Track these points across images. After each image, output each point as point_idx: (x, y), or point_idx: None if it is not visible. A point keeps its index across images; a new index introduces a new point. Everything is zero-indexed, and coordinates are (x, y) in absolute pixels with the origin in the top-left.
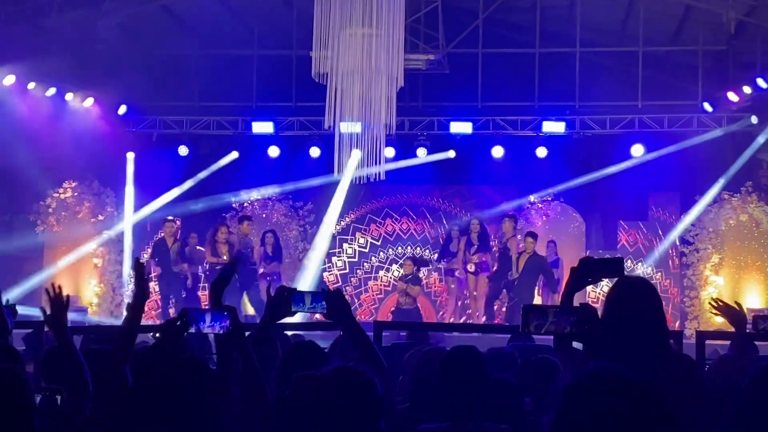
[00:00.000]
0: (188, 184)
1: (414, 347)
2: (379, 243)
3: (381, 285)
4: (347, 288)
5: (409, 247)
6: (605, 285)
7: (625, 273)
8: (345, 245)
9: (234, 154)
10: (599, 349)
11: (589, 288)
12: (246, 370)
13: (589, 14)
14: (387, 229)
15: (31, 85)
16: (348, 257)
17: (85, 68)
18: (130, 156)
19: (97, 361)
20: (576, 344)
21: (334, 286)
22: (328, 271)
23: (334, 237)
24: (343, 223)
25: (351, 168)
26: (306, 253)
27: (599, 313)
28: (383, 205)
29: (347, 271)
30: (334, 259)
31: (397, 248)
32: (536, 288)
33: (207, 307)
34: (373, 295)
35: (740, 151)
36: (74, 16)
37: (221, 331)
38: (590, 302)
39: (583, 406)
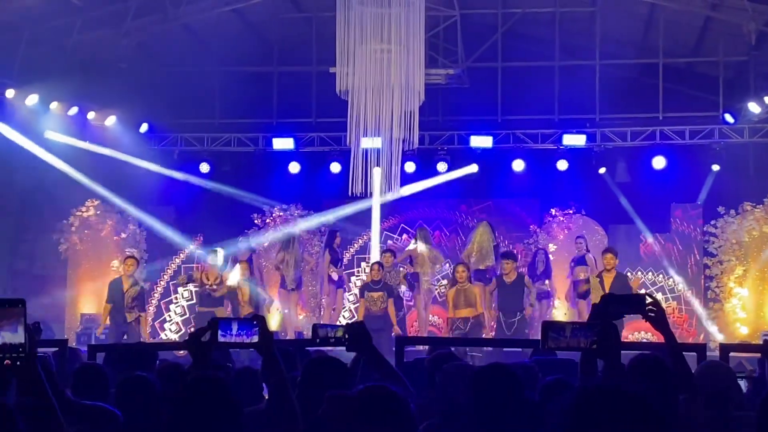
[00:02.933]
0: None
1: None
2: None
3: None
4: None
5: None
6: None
7: (646, 309)
8: (363, 264)
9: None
10: (617, 366)
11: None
12: (274, 381)
13: (609, 27)
14: (404, 245)
15: (54, 105)
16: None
17: (107, 87)
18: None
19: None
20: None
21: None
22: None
23: (352, 258)
24: (360, 241)
25: (377, 186)
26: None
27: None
28: (399, 222)
29: None
30: (353, 279)
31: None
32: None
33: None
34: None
35: (764, 162)
36: (96, 36)
37: (249, 342)
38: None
39: (585, 422)
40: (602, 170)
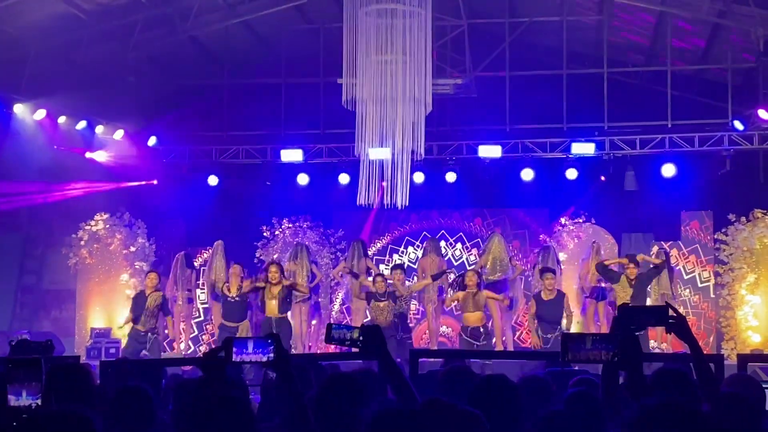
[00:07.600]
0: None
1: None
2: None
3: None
4: None
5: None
6: None
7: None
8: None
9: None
10: (639, 378)
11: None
12: (290, 400)
13: (616, 34)
14: (410, 257)
15: (62, 119)
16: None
17: (115, 100)
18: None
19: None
20: None
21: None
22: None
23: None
24: (373, 248)
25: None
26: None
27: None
28: (403, 234)
29: None
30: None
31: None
32: None
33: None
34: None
35: None
36: (105, 49)
37: (265, 360)
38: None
39: None
40: (602, 178)
